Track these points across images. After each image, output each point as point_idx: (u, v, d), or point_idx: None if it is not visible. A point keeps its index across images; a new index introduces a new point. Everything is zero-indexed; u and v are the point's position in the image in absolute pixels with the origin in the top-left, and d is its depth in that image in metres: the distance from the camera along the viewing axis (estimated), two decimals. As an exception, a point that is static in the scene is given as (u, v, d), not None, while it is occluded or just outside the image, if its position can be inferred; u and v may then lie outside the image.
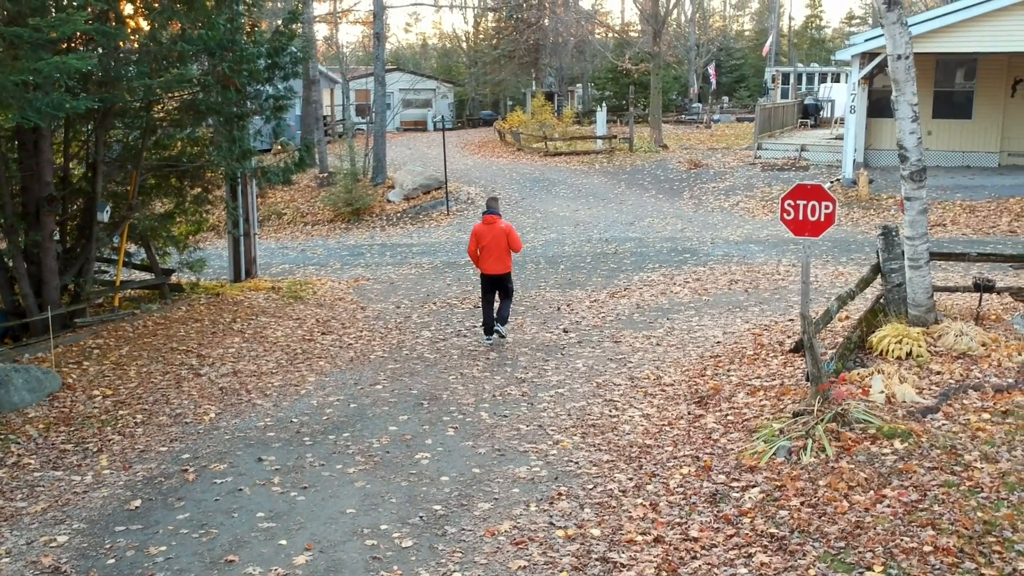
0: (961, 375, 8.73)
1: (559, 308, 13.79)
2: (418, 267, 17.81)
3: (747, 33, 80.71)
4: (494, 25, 51.81)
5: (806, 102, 36.10)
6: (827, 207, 10.63)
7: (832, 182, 21.76)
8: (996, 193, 20.24)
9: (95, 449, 8.58)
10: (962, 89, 23.78)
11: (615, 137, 33.14)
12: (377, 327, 13.11)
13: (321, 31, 43.45)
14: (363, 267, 18.26)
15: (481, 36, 56.03)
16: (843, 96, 38.79)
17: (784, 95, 51.16)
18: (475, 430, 8.63)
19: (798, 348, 9.90)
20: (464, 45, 58.79)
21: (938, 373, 8.80)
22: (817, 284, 13.98)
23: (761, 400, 8.80)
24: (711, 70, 54.74)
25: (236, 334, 12.62)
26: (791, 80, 52.99)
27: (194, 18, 12.41)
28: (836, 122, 34.16)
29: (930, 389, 8.38)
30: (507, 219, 21.33)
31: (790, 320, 12.20)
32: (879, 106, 23.83)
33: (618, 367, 10.63)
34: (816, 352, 7.95)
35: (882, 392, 8.20)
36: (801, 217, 10.74)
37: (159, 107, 14.03)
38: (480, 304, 12.54)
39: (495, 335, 12.02)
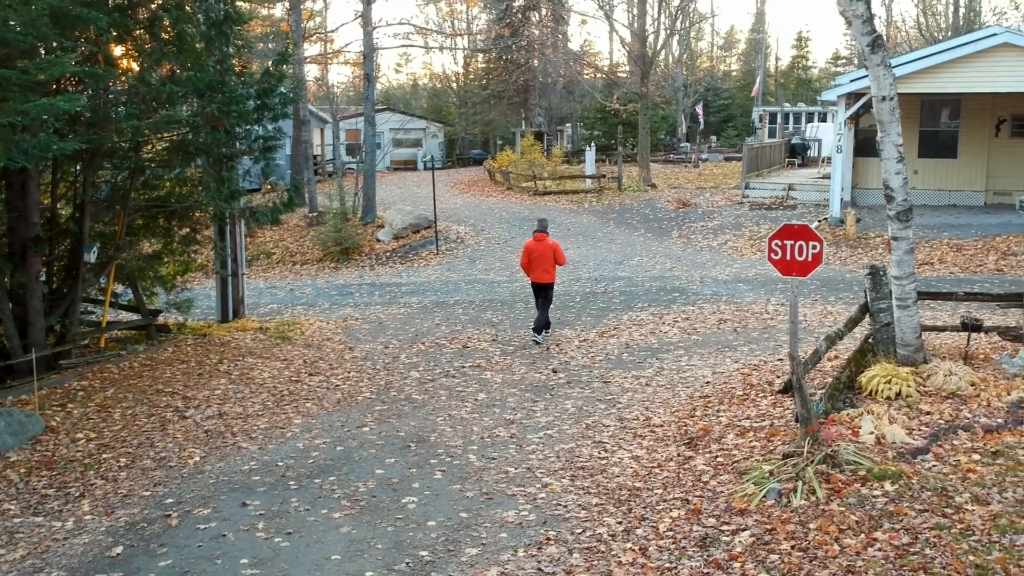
0: (951, 415, 8.70)
1: (548, 348, 13.74)
2: (407, 307, 17.76)
3: (734, 73, 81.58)
4: (484, 66, 52.27)
5: (793, 141, 36.43)
6: (814, 247, 10.66)
7: (820, 221, 21.88)
8: (982, 232, 20.38)
9: (77, 494, 8.45)
10: (947, 129, 24.05)
11: (604, 176, 33.33)
12: (365, 368, 13.03)
13: (312, 72, 43.78)
14: (352, 307, 18.20)
15: (471, 76, 56.49)
16: (830, 135, 39.11)
17: (771, 134, 51.61)
18: (463, 473, 8.54)
19: (787, 389, 9.87)
20: (454, 85, 59.26)
21: (928, 413, 8.77)
22: (806, 323, 13.98)
23: (751, 441, 8.74)
24: (699, 110, 55.29)
25: (222, 375, 12.53)
26: (778, 120, 53.51)
27: (184, 60, 12.47)
28: (823, 161, 34.43)
29: (920, 430, 8.35)
30: (497, 257, 21.33)
31: (779, 360, 12.18)
32: (865, 145, 24.05)
33: (607, 408, 10.57)
34: (805, 393, 7.91)
35: (872, 433, 8.16)
36: (789, 257, 10.77)
37: (148, 148, 14.05)
38: (535, 307, 14.67)
39: (533, 341, 14.11)
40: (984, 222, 21.30)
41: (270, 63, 13.96)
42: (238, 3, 14.69)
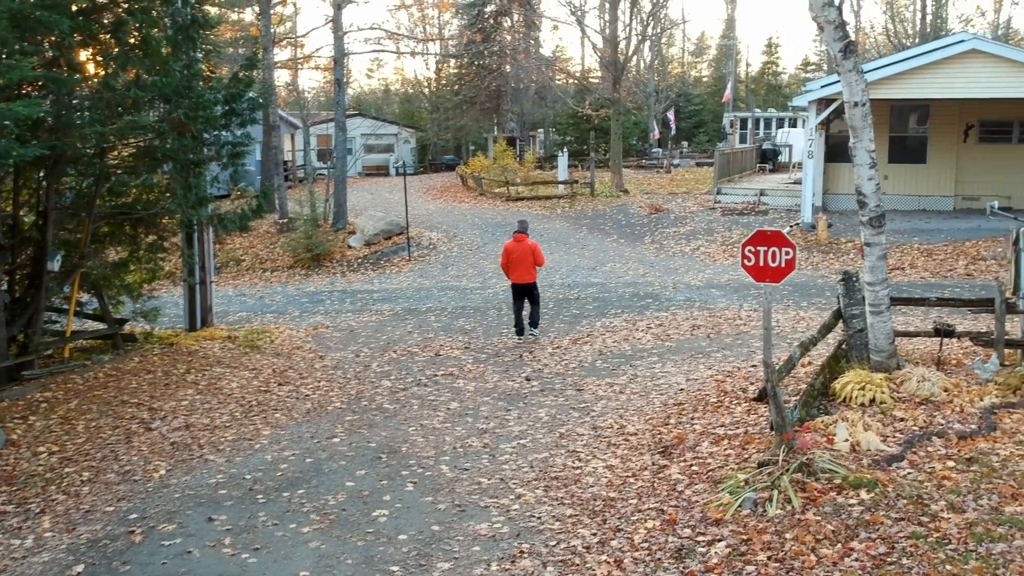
0: (924, 422, 8.69)
1: (521, 356, 13.63)
2: (379, 314, 17.59)
3: (705, 79, 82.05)
4: (456, 71, 52.13)
5: (764, 147, 36.61)
6: (788, 253, 10.63)
7: (792, 226, 21.96)
8: (952, 236, 20.53)
9: (38, 510, 8.22)
10: (916, 134, 24.27)
11: (577, 182, 33.32)
12: (335, 377, 12.85)
13: (283, 77, 43.45)
14: (322, 314, 17.99)
15: (443, 82, 56.35)
16: (800, 141, 39.38)
17: (742, 140, 51.90)
18: (435, 484, 8.40)
19: (762, 397, 9.82)
20: (426, 91, 59.08)
21: (902, 420, 8.75)
22: (779, 329, 13.97)
23: (726, 449, 8.68)
24: (670, 115, 55.45)
25: (190, 386, 12.30)
26: (748, 125, 53.81)
27: (150, 64, 12.25)
28: (794, 167, 34.63)
29: (894, 436, 8.32)
30: (469, 263, 21.19)
31: (753, 366, 12.15)
32: (836, 151, 24.20)
33: (581, 416, 10.47)
34: (780, 401, 7.85)
35: (847, 440, 8.11)
36: (762, 263, 10.72)
37: (114, 154, 13.79)
38: (513, 310, 14.83)
39: (527, 335, 14.46)
40: (954, 227, 21.47)
41: (238, 68, 13.73)
42: (206, 7, 14.51)
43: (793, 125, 50.03)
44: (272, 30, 29.84)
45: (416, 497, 8.08)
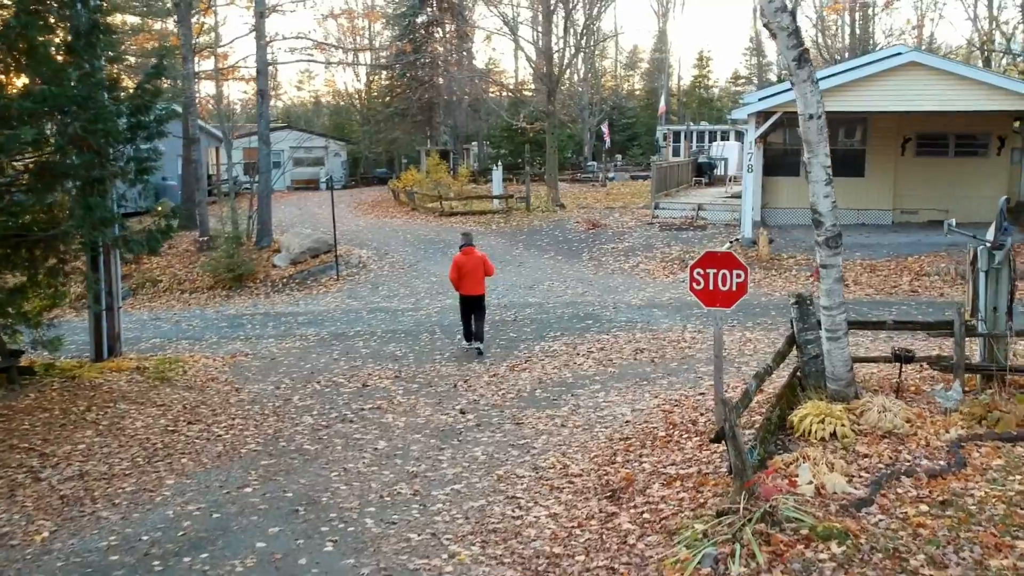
0: (890, 457, 8.05)
1: (456, 385, 12.74)
2: (303, 339, 16.53)
3: (638, 92, 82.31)
4: (387, 83, 51.07)
5: (700, 160, 36.34)
6: (739, 275, 9.96)
7: (732, 242, 21.48)
8: (894, 251, 20.25)
9: None
10: (855, 148, 24.05)
11: (512, 196, 32.56)
12: (252, 413, 11.80)
13: (208, 88, 41.92)
14: (243, 340, 16.86)
15: (374, 93, 55.23)
16: (735, 154, 39.34)
17: (675, 153, 51.85)
18: (358, 542, 7.46)
19: (719, 438, 9.08)
20: (357, 103, 57.88)
21: (866, 456, 8.10)
22: (726, 352, 13.33)
23: (679, 492, 7.93)
24: (604, 128, 55.22)
25: (89, 426, 11.16)
26: (682, 138, 53.84)
27: (41, 73, 11.11)
28: (730, 180, 34.45)
29: (860, 476, 7.66)
30: (401, 283, 20.26)
31: (701, 394, 11.49)
32: (774, 164, 23.90)
33: (521, 454, 9.63)
34: (740, 443, 7.11)
35: (811, 483, 7.41)
36: (712, 287, 10.06)
37: (10, 169, 12.56)
38: (460, 320, 15.03)
39: (475, 348, 14.50)
40: (894, 241, 21.21)
41: (143, 77, 12.64)
42: (109, 14, 13.40)
43: (724, 138, 50.19)
44: (193, 40, 28.51)
45: (336, 560, 7.14)
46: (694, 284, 10.06)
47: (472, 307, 14.62)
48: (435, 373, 13.51)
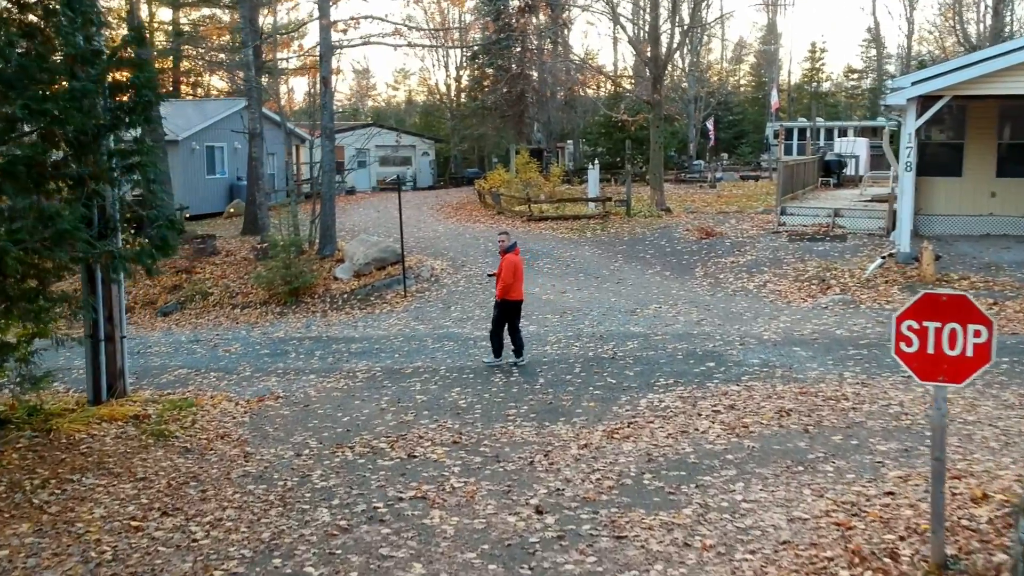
0: None
1: (532, 461, 9.28)
2: (350, 377, 13.35)
3: (744, 87, 77.52)
4: (477, 73, 47.87)
5: (827, 158, 31.94)
6: (979, 334, 6.29)
7: (883, 257, 17.44)
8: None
9: None
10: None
11: (610, 199, 28.90)
12: (251, 500, 8.58)
13: (300, 86, 39.53)
14: (279, 375, 13.80)
15: (463, 85, 52.26)
16: (865, 151, 34.97)
17: (788, 151, 47.52)
18: None
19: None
20: (446, 98, 55.01)
21: None
22: (905, 415, 9.59)
23: None
24: (710, 125, 51.16)
25: (31, 514, 8.18)
26: (794, 135, 49.39)
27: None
28: (861, 180, 30.14)
29: None
30: (476, 302, 17.09)
31: (889, 494, 7.83)
32: (933, 161, 19.66)
33: (625, 607, 6.13)
34: None
35: None
36: (932, 350, 6.43)
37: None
38: (492, 330, 13.56)
39: (517, 363, 13.32)
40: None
41: (120, 42, 9.58)
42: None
43: (844, 134, 45.49)
44: (260, 23, 25.80)
45: None
46: (902, 344, 6.46)
47: (517, 315, 13.46)
48: (507, 438, 10.09)
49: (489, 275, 15.45)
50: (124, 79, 9.24)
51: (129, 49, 9.45)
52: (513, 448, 9.73)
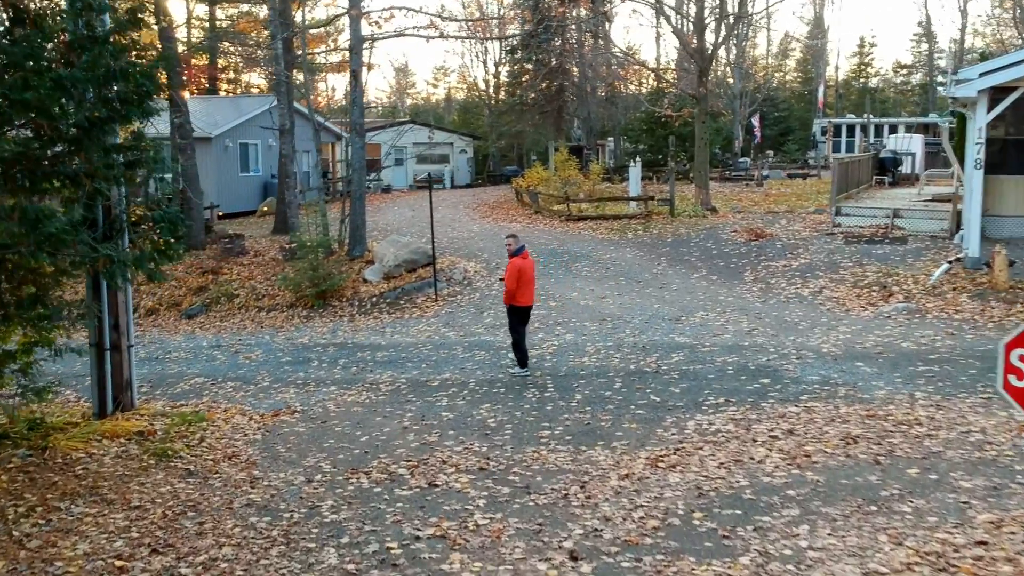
0: None
1: (567, 494, 8.28)
2: (372, 389, 12.46)
3: (790, 83, 75.63)
4: (516, 68, 46.78)
5: (882, 156, 30.45)
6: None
7: (950, 263, 16.17)
8: None
9: None
10: None
11: (652, 198, 27.74)
12: (254, 534, 7.69)
13: (340, 84, 38.72)
14: (298, 386, 12.96)
15: (502, 83, 51.23)
16: (920, 148, 33.39)
17: (836, 148, 45.91)
18: None
19: None
20: (484, 95, 54.02)
21: None
22: (990, 446, 8.46)
23: None
24: (755, 122, 49.67)
25: (11, 548, 7.36)
26: (842, 132, 47.78)
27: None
28: (918, 179, 28.68)
29: None
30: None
31: (981, 544, 6.72)
32: (1000, 159, 18.28)
33: None
34: None
35: None
36: (1047, 385, 5.34)
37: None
38: (514, 340, 12.86)
39: (518, 373, 12.73)
40: None
41: (109, 28, 8.72)
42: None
43: (895, 131, 43.82)
44: (296, 17, 25.03)
45: None
46: (1012, 377, 5.38)
47: (527, 319, 13.03)
48: (539, 464, 9.11)
49: (500, 279, 14.85)
50: (119, 68, 8.37)
51: (129, 35, 8.59)
52: (546, 477, 8.74)
